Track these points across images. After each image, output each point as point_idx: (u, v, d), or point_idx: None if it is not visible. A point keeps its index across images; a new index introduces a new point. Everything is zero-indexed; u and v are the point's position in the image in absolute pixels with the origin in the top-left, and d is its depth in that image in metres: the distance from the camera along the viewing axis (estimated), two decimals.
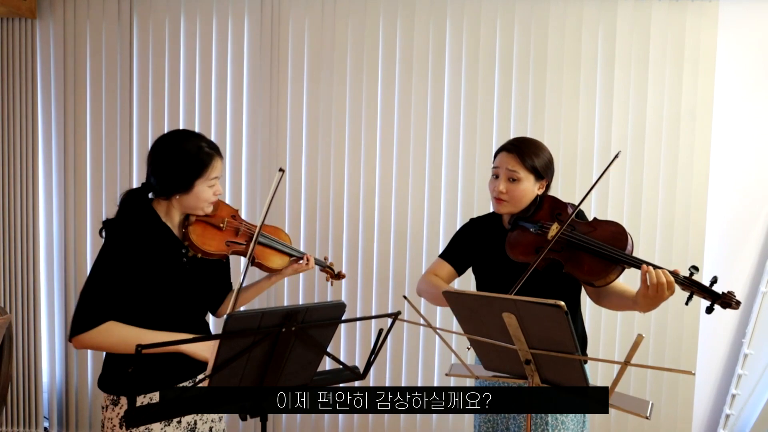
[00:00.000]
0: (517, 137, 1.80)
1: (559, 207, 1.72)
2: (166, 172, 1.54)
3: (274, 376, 1.28)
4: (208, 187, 1.57)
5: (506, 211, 1.75)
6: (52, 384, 2.80)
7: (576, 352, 1.31)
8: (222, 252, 1.65)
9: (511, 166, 1.70)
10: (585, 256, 1.59)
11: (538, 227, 1.68)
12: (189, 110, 2.71)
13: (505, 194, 1.71)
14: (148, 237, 1.54)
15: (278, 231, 1.87)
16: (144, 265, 1.51)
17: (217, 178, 1.59)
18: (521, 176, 1.70)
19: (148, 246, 1.53)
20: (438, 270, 1.85)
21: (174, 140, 1.57)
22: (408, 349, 2.77)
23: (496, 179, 1.74)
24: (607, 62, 2.67)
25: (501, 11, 2.68)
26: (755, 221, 2.73)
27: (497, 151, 1.79)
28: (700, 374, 2.77)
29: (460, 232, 1.90)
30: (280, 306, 1.66)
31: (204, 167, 1.55)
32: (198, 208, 1.59)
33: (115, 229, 1.53)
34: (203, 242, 1.61)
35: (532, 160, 1.71)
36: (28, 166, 2.71)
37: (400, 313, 1.38)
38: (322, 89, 2.70)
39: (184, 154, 1.54)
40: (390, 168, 2.72)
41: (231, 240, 1.68)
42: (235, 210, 1.76)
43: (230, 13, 2.69)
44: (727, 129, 2.72)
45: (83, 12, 2.69)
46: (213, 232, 1.66)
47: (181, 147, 1.55)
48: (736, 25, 2.68)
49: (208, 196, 1.58)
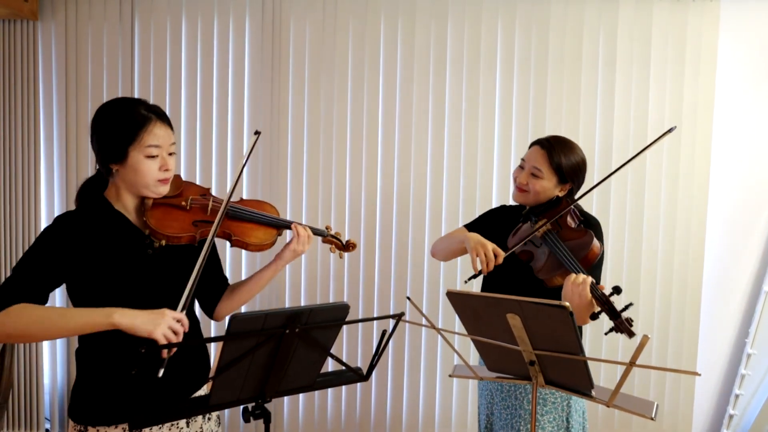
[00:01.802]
0: (555, 135, 1.80)
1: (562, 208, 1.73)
2: (99, 141, 1.37)
3: (278, 378, 1.28)
4: (146, 158, 1.34)
5: (522, 201, 1.79)
6: (53, 385, 2.79)
7: (581, 353, 1.30)
8: (188, 233, 1.42)
9: (538, 162, 1.73)
10: (549, 255, 1.65)
11: (535, 221, 1.73)
12: (190, 111, 2.71)
13: (524, 184, 1.75)
14: (97, 227, 1.35)
15: (262, 204, 1.60)
16: (93, 258, 1.32)
17: (159, 146, 1.36)
18: (543, 174, 1.73)
19: (97, 236, 1.34)
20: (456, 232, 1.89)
21: (108, 105, 1.40)
22: (410, 350, 2.76)
23: (521, 170, 1.78)
24: (609, 62, 2.67)
25: (502, 12, 2.67)
26: (757, 221, 2.73)
27: (531, 144, 1.82)
28: (702, 374, 2.76)
29: (488, 213, 1.95)
30: (283, 307, 1.65)
31: (136, 130, 1.33)
32: (144, 185, 1.37)
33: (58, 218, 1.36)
34: (164, 225, 1.39)
35: (560, 160, 1.72)
36: (30, 168, 2.70)
37: (404, 314, 1.37)
38: (323, 90, 2.70)
39: (115, 117, 1.36)
40: (392, 169, 2.72)
41: (199, 219, 1.45)
42: (206, 189, 1.54)
43: (231, 15, 2.69)
44: (728, 129, 2.71)
45: (85, 13, 2.69)
46: (176, 213, 1.44)
47: (113, 110, 1.37)
48: (738, 25, 2.67)
49: (149, 170, 1.35)
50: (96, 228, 1.35)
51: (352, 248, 1.72)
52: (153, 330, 1.24)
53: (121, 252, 1.36)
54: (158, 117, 1.38)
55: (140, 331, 1.24)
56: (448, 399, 2.78)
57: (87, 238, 1.33)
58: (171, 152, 1.41)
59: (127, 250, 1.37)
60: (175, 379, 1.42)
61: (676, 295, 2.70)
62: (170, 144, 1.40)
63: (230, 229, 1.49)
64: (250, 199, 1.61)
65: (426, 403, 2.77)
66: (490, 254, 1.63)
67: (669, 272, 2.70)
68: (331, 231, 1.71)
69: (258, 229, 1.54)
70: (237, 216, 1.51)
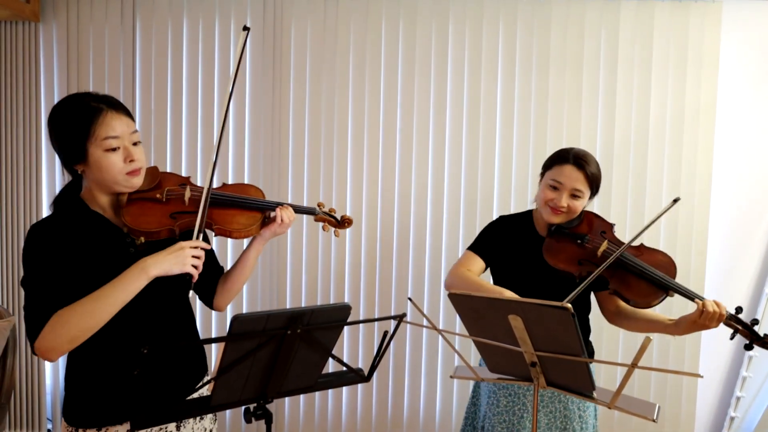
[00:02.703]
0: (579, 151, 1.76)
1: (605, 226, 1.77)
2: (57, 144, 1.30)
3: (279, 379, 1.28)
4: (106, 151, 1.27)
5: (557, 221, 1.76)
6: (55, 385, 2.79)
7: (582, 355, 1.30)
8: (166, 227, 1.35)
9: (579, 184, 1.71)
10: (633, 278, 1.66)
11: (585, 240, 1.72)
12: (191, 113, 2.71)
13: (565, 208, 1.72)
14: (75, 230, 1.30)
15: (245, 187, 1.52)
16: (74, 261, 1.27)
17: (117, 137, 1.28)
18: (584, 195, 1.73)
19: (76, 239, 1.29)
20: (470, 264, 1.81)
21: (58, 104, 1.31)
22: (412, 351, 2.76)
23: (555, 191, 1.73)
24: (610, 63, 2.67)
25: (503, 12, 2.67)
26: (759, 222, 2.73)
27: (558, 162, 1.75)
28: (704, 376, 2.75)
29: (490, 228, 1.90)
30: (285, 308, 1.64)
31: (88, 125, 1.26)
32: (112, 181, 1.30)
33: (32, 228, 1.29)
34: (140, 222, 1.32)
35: (594, 177, 1.74)
36: (32, 169, 2.71)
37: (405, 315, 1.37)
38: (324, 90, 2.70)
39: (65, 116, 1.28)
40: (393, 169, 2.72)
41: (177, 211, 1.37)
42: (185, 178, 1.46)
43: (232, 16, 2.70)
44: (730, 130, 2.71)
45: (86, 15, 2.69)
46: (152, 207, 1.36)
47: (63, 109, 1.29)
48: (740, 26, 2.67)
49: (113, 164, 1.28)
50: (73, 231, 1.30)
51: (348, 224, 1.61)
52: (183, 266, 1.27)
53: (103, 253, 1.31)
54: (110, 106, 1.30)
55: (175, 272, 1.26)
56: (449, 400, 2.77)
57: (65, 243, 1.28)
58: (135, 141, 1.32)
59: (108, 251, 1.32)
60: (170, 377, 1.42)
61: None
62: (131, 133, 1.31)
63: (211, 217, 1.41)
64: (233, 184, 1.53)
65: (427, 404, 2.77)
66: None
67: None
68: (324, 208, 1.61)
69: (241, 214, 1.45)
70: (218, 202, 1.43)
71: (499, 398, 1.81)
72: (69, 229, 1.30)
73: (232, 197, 1.46)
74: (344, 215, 1.63)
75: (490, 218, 2.71)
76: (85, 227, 1.32)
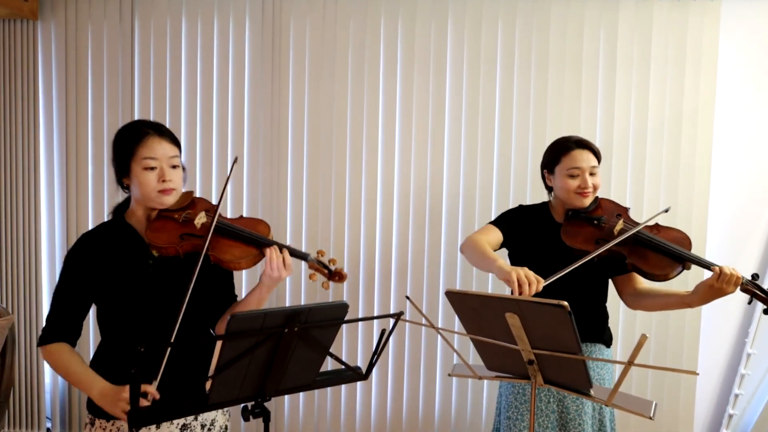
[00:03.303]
0: (572, 136, 1.92)
1: (620, 209, 1.88)
2: (113, 161, 1.52)
3: (277, 377, 1.28)
4: (144, 169, 1.45)
5: (587, 204, 1.86)
6: (54, 384, 2.80)
7: (579, 352, 1.30)
8: (173, 245, 1.45)
9: (592, 161, 1.85)
10: (650, 252, 1.74)
11: (602, 221, 1.82)
12: (190, 111, 2.71)
13: (591, 187, 1.84)
14: (112, 241, 1.48)
15: (256, 223, 1.57)
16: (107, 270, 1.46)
17: (155, 158, 1.45)
18: (598, 169, 1.87)
19: (111, 250, 1.47)
20: (488, 234, 1.87)
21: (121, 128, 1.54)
22: (410, 350, 2.77)
23: (575, 178, 1.83)
24: (609, 62, 2.67)
25: (502, 11, 2.67)
26: (758, 221, 2.73)
27: (564, 152, 1.87)
28: (702, 374, 2.76)
29: (511, 211, 1.98)
30: (282, 306, 1.65)
31: (133, 145, 1.46)
32: (147, 197, 1.47)
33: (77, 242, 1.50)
34: (155, 236, 1.46)
35: (599, 151, 1.89)
36: (30, 168, 2.71)
37: (403, 314, 1.37)
38: (323, 90, 2.70)
39: (119, 137, 1.51)
40: (391, 168, 2.72)
41: (187, 233, 1.48)
42: (213, 205, 1.57)
43: (231, 15, 2.69)
44: (729, 129, 2.71)
45: (85, 13, 2.69)
46: (169, 225, 1.49)
47: (119, 132, 1.52)
48: (738, 24, 2.67)
49: (148, 180, 1.45)
50: (110, 243, 1.48)
51: (339, 279, 1.55)
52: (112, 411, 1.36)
53: (128, 263, 1.48)
54: (156, 131, 1.49)
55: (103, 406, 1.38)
56: (447, 398, 2.78)
57: (101, 255, 1.47)
58: (173, 165, 1.49)
59: (132, 262, 1.48)
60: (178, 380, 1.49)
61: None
62: (170, 157, 1.48)
63: (211, 244, 1.48)
64: (248, 218, 1.60)
65: (426, 402, 2.78)
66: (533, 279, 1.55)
67: None
68: (322, 257, 1.57)
69: (236, 246, 1.50)
70: (219, 232, 1.51)
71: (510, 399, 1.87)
72: (105, 240, 1.49)
73: (232, 228, 1.52)
74: (338, 269, 1.56)
75: (488, 216, 2.72)
76: (120, 239, 1.50)
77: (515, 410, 1.86)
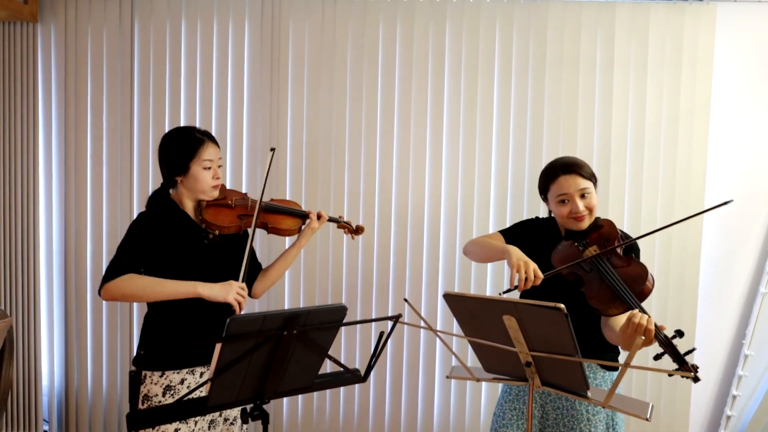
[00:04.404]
0: (557, 159, 1.85)
1: (611, 235, 1.77)
2: (166, 160, 1.81)
3: (276, 379, 1.28)
4: (203, 169, 1.78)
5: (587, 224, 1.80)
6: (51, 387, 2.80)
7: (576, 355, 1.31)
8: (236, 224, 1.83)
9: (581, 184, 1.77)
10: (602, 284, 1.66)
11: (582, 244, 1.76)
12: (190, 113, 2.72)
13: (585, 210, 1.78)
14: (168, 223, 1.77)
15: (288, 202, 2.05)
16: (165, 245, 1.73)
17: (211, 160, 1.80)
18: (590, 189, 1.79)
19: (167, 229, 1.75)
20: (492, 238, 1.91)
21: (172, 132, 1.84)
22: (408, 352, 2.77)
23: (566, 203, 1.78)
24: (606, 65, 2.68)
25: (500, 15, 2.69)
26: (754, 222, 2.74)
27: (551, 180, 1.81)
28: (700, 376, 2.77)
29: (524, 224, 1.97)
30: (281, 309, 1.66)
31: (195, 149, 1.78)
32: (202, 191, 1.80)
33: (141, 215, 1.79)
34: (217, 219, 1.82)
35: (586, 170, 1.80)
36: (29, 170, 2.71)
37: (401, 316, 1.38)
38: (322, 93, 2.71)
39: (178, 141, 1.80)
40: (390, 171, 2.73)
41: (242, 213, 1.87)
42: (244, 193, 1.97)
43: (231, 18, 2.70)
44: (724, 131, 2.73)
45: (84, 15, 2.70)
46: (225, 210, 1.86)
47: (176, 136, 1.82)
48: (734, 27, 2.69)
49: (206, 178, 1.79)
50: (165, 225, 1.77)
51: (361, 231, 2.13)
52: (226, 296, 1.69)
53: (185, 242, 1.77)
54: (210, 139, 1.83)
55: (218, 298, 1.68)
56: (446, 400, 2.78)
57: (160, 232, 1.75)
58: (219, 165, 1.84)
59: (189, 241, 1.79)
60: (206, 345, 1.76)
61: (673, 296, 2.71)
62: (219, 158, 1.84)
63: (267, 219, 1.92)
64: (279, 199, 2.07)
65: (424, 404, 2.78)
66: (531, 274, 1.62)
67: (666, 274, 2.71)
68: (343, 219, 2.14)
69: (287, 219, 1.96)
70: (270, 209, 1.95)
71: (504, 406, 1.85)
72: (163, 222, 1.77)
73: (281, 207, 1.98)
74: (359, 225, 2.14)
75: (486, 218, 2.73)
76: (174, 222, 1.79)
77: (500, 407, 1.87)
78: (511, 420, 1.81)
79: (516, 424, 1.81)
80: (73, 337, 2.76)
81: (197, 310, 1.75)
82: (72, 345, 2.77)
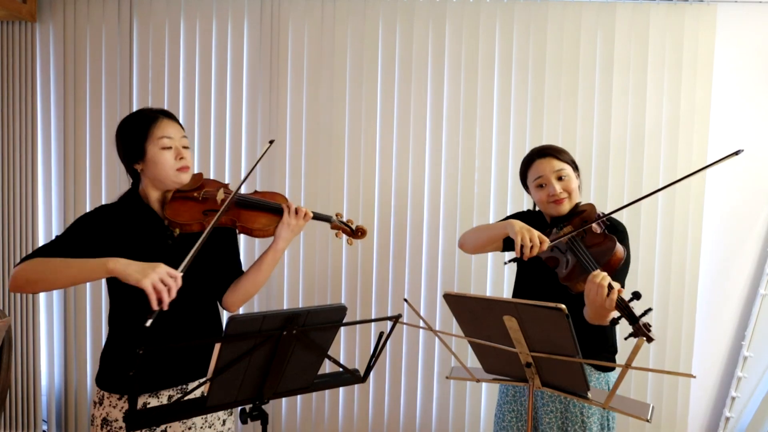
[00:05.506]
0: (535, 147, 1.88)
1: (590, 217, 1.74)
2: (122, 147, 1.56)
3: (275, 379, 1.28)
4: (161, 149, 1.51)
5: (568, 208, 1.79)
6: (50, 387, 2.79)
7: (577, 355, 1.31)
8: (197, 220, 1.52)
9: (556, 166, 1.78)
10: (574, 262, 1.63)
11: (560, 227, 1.76)
12: (188, 113, 2.71)
13: (563, 192, 1.78)
14: (128, 218, 1.53)
15: (274, 195, 1.69)
16: (118, 243, 1.48)
17: (170, 138, 1.53)
18: (567, 171, 1.79)
19: (126, 226, 1.51)
20: None
21: (123, 119, 1.60)
22: (408, 352, 2.77)
23: (543, 187, 1.79)
24: (606, 65, 2.68)
25: (500, 15, 2.68)
26: (753, 223, 2.74)
27: (527, 167, 1.84)
28: (699, 377, 2.77)
29: (517, 215, 1.97)
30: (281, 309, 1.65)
31: (147, 127, 1.52)
32: (166, 176, 1.52)
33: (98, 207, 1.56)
34: (177, 214, 1.52)
35: (564, 155, 1.82)
36: (28, 169, 2.70)
37: (401, 316, 1.38)
38: (321, 93, 2.70)
39: (129, 124, 1.56)
40: (389, 171, 2.72)
41: (209, 209, 1.56)
42: (225, 184, 1.65)
43: (230, 17, 2.70)
44: (724, 132, 2.73)
45: (83, 15, 2.69)
46: (189, 204, 1.57)
47: (126, 120, 1.58)
48: (734, 28, 2.69)
49: (167, 159, 1.52)
50: (127, 219, 1.53)
51: (362, 235, 1.74)
52: (141, 279, 1.32)
53: (146, 240, 1.52)
54: (165, 115, 1.56)
55: (131, 279, 1.33)
56: (445, 401, 2.78)
57: (118, 227, 1.50)
58: (184, 145, 1.56)
59: (150, 239, 1.53)
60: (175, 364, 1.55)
61: (672, 297, 2.71)
62: (181, 137, 1.56)
63: (236, 216, 1.57)
64: (264, 191, 1.70)
65: (423, 405, 2.78)
66: (536, 239, 1.60)
67: (666, 275, 2.71)
68: (342, 218, 1.74)
69: (262, 216, 1.60)
70: (243, 204, 1.60)
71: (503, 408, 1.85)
72: (123, 216, 1.53)
73: (256, 200, 1.61)
74: (359, 226, 1.75)
75: (486, 219, 2.72)
76: (137, 218, 1.54)
77: (499, 409, 1.87)
78: (510, 422, 1.81)
79: (516, 426, 1.80)
80: (72, 336, 2.76)
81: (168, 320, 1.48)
82: (71, 345, 2.76)
